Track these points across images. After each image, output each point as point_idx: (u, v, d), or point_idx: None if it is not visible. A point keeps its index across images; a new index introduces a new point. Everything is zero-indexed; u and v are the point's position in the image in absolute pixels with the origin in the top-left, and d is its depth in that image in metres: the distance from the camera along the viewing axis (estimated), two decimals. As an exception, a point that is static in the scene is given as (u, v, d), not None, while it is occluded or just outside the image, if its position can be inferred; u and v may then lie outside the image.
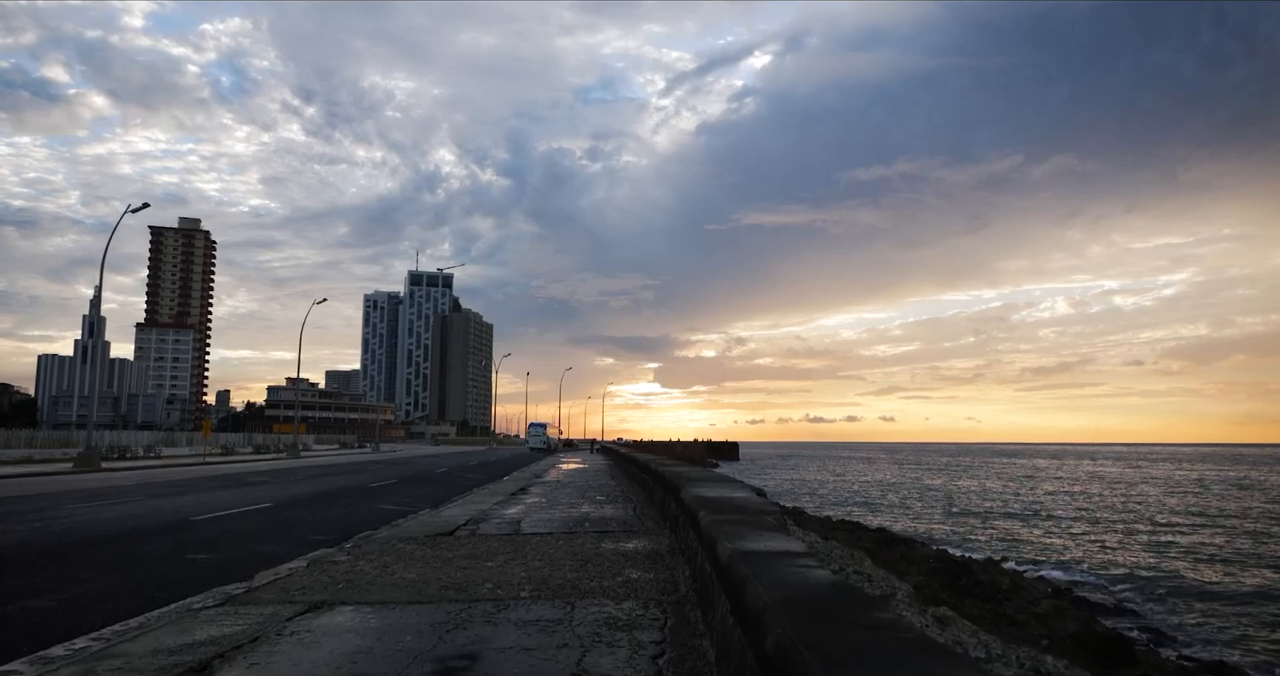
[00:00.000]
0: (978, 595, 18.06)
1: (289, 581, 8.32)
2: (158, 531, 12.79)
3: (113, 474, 29.64)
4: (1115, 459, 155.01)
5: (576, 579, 8.20)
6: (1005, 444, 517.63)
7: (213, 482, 24.86)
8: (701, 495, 8.10)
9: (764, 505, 7.07)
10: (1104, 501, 50.42)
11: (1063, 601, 19.07)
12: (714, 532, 5.14)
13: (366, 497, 20.04)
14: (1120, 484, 69.81)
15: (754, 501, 7.37)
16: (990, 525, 36.82)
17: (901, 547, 24.96)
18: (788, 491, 55.71)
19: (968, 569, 20.83)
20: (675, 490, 10.12)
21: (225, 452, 55.65)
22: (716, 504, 7.15)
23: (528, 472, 32.98)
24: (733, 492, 8.39)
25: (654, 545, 10.65)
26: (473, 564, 9.22)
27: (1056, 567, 25.97)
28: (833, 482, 71.22)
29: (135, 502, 17.66)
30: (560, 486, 23.46)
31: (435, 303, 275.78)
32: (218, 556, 10.73)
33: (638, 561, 9.31)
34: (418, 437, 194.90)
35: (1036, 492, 58.13)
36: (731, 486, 9.56)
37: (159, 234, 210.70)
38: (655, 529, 12.57)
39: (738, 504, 7.15)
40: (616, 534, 11.97)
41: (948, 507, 45.55)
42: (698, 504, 7.14)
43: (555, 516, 14.56)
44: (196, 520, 14.24)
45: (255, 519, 14.72)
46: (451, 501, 18.83)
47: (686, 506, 7.69)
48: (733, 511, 6.49)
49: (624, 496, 19.37)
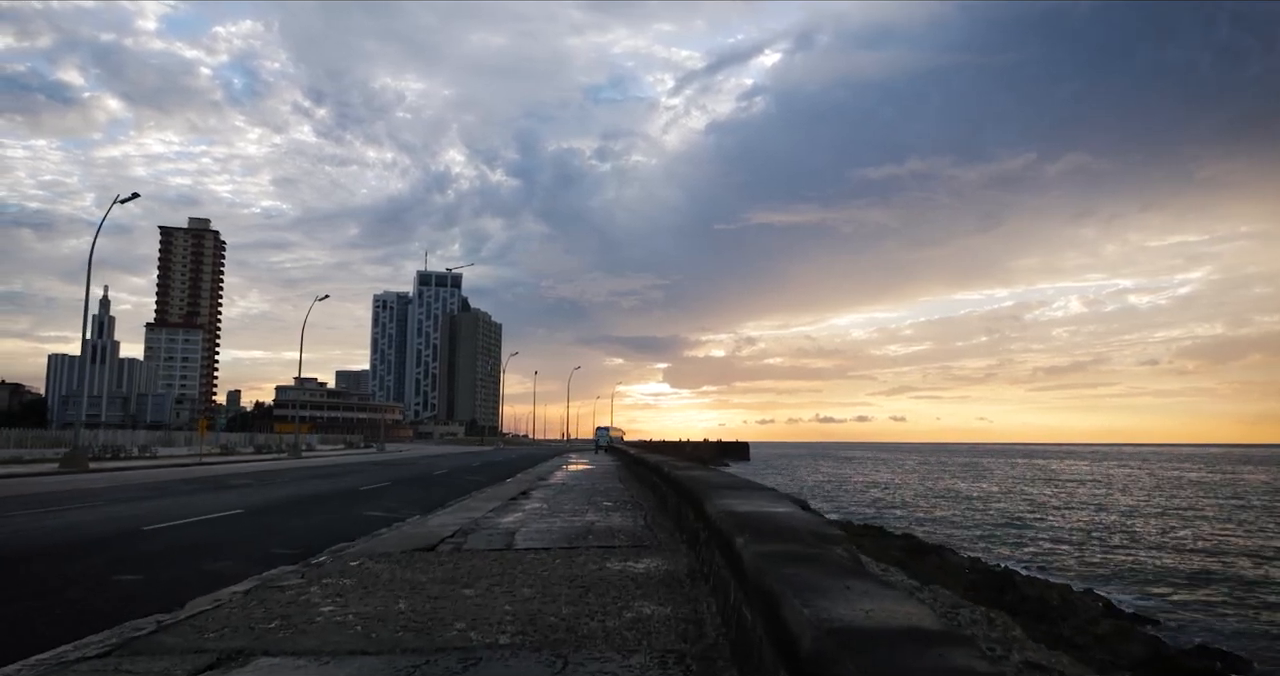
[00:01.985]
0: (1028, 612, 16.24)
1: (212, 616, 6.64)
2: (99, 544, 11.15)
3: (96, 475, 28.12)
4: (1126, 460, 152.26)
5: (573, 616, 6.47)
6: (1018, 444, 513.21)
7: (192, 485, 23.26)
8: (731, 509, 6.36)
9: (820, 526, 5.33)
10: (1126, 504, 48.38)
11: (1121, 620, 17.25)
12: (770, 580, 3.41)
13: (353, 503, 18.39)
14: (1139, 483, 67.65)
15: (805, 520, 5.63)
16: (1018, 528, 34.89)
17: (934, 557, 23.15)
18: (801, 492, 53.84)
19: (1010, 581, 18.99)
20: (697, 501, 8.40)
21: (225, 452, 54.20)
22: (756, 523, 5.42)
23: (531, 474, 31.30)
24: (772, 506, 6.65)
25: (669, 565, 8.92)
26: (448, 591, 7.52)
27: (1096, 578, 24.10)
28: (846, 483, 69.28)
29: (93, 508, 16.06)
30: (564, 490, 21.77)
31: (444, 303, 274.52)
32: (155, 576, 9.07)
33: (650, 589, 7.59)
34: (426, 437, 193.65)
35: (1059, 493, 56.09)
36: (765, 496, 7.82)
37: (169, 234, 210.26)
38: (670, 543, 10.85)
39: (784, 524, 5.42)
40: (624, 550, 10.25)
41: (968, 509, 43.61)
42: (732, 524, 5.41)
43: (555, 527, 12.85)
44: (150, 530, 12.60)
45: (218, 528, 13.07)
46: (445, 507, 17.16)
47: (716, 527, 5.96)
48: (782, 537, 4.76)
49: (633, 502, 17.65)
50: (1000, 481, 74.31)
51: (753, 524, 5.49)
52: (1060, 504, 49.23)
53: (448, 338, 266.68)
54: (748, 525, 5.41)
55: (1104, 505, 48.27)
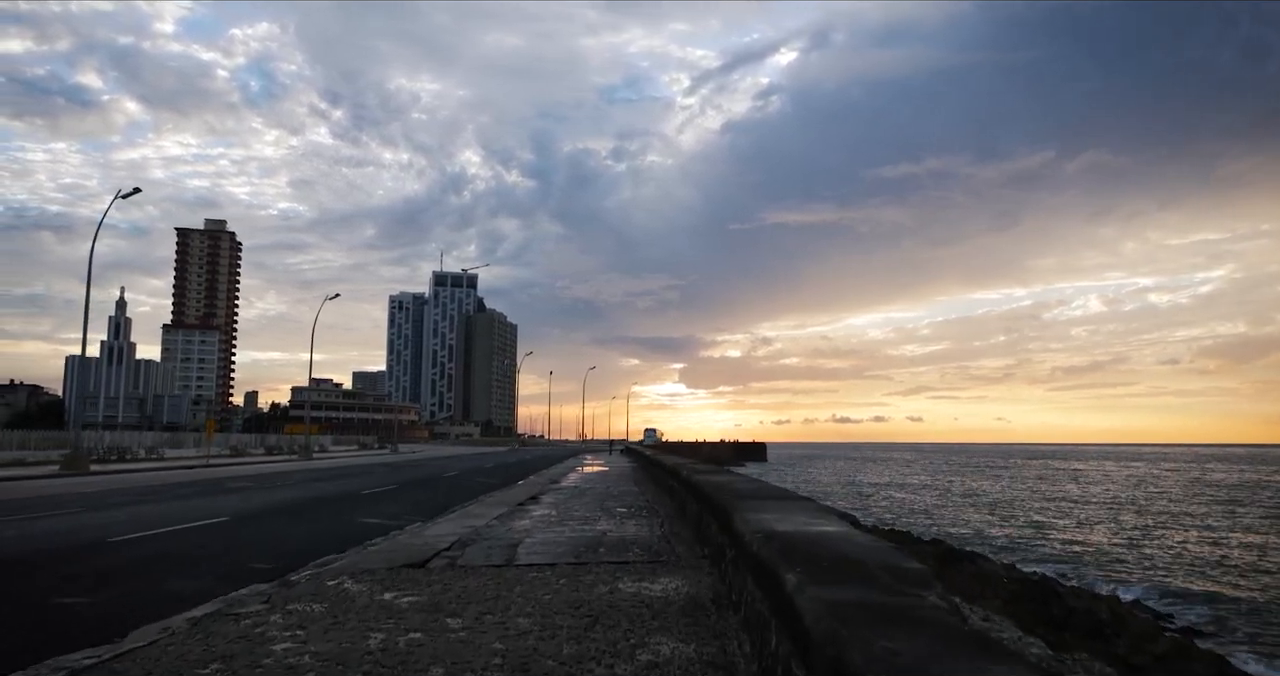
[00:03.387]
0: (1078, 628, 14.95)
1: (140, 657, 5.52)
2: (54, 558, 10.10)
3: (94, 478, 27.23)
4: (1154, 460, 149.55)
5: (576, 658, 5.30)
6: (1037, 444, 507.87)
7: (188, 488, 22.27)
8: (769, 529, 5.16)
9: (891, 555, 4.13)
10: (1156, 505, 46.70)
11: (1177, 635, 15.90)
12: (856, 657, 2.22)
13: (351, 508, 17.31)
14: (1165, 484, 65.75)
15: (868, 546, 4.43)
16: (1046, 531, 33.44)
17: (968, 565, 21.82)
18: (820, 494, 52.45)
19: (1054, 593, 17.64)
20: (722, 515, 7.21)
21: (235, 454, 53.43)
22: (806, 550, 4.23)
23: (544, 477, 30.18)
24: (817, 523, 5.45)
25: (690, 587, 7.73)
26: (430, 622, 6.36)
27: (1137, 585, 22.70)
28: (866, 485, 67.78)
29: (68, 516, 15.04)
30: (577, 494, 20.62)
31: (460, 303, 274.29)
32: (104, 598, 7.98)
33: (669, 620, 6.41)
34: (442, 438, 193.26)
35: (1086, 494, 54.39)
36: (804, 508, 6.61)
37: (185, 235, 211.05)
38: (690, 558, 9.67)
39: (842, 551, 4.22)
40: (639, 566, 9.07)
41: (994, 512, 42.12)
42: (774, 551, 4.22)
43: (563, 537, 11.69)
44: (117, 541, 11.52)
45: (197, 538, 11.99)
46: (448, 513, 16.06)
47: (751, 553, 4.76)
48: (846, 573, 3.58)
49: (649, 508, 16.47)
50: (1024, 482, 72.56)
51: (801, 550, 4.30)
52: (1087, 505, 47.62)
53: (463, 338, 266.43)
54: (795, 552, 4.22)
55: (1135, 506, 46.63)
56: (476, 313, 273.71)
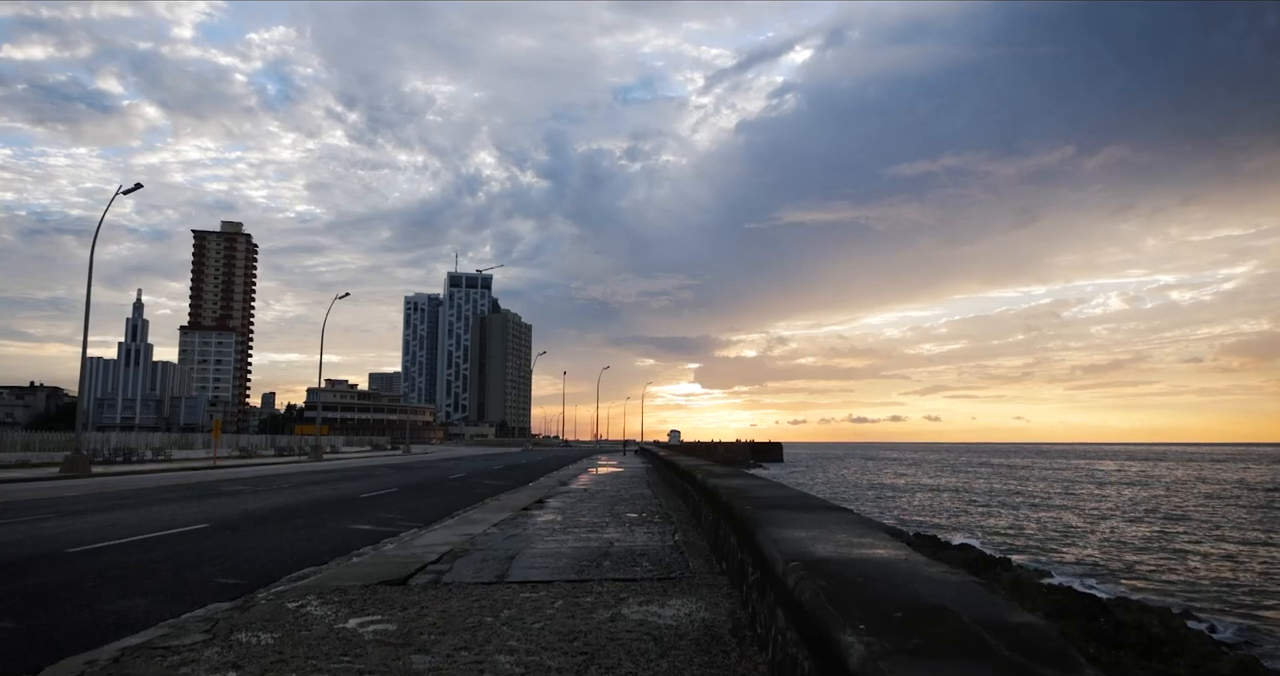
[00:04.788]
0: (1133, 646, 13.66)
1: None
2: (1, 572, 9.09)
3: (92, 480, 26.42)
4: (1183, 460, 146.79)
5: (561, 717, 4.19)
6: (1057, 444, 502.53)
7: (178, 492, 21.30)
8: (808, 553, 4.03)
9: (986, 600, 2.99)
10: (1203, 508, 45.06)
11: (1241, 653, 14.58)
12: None
13: (345, 513, 16.28)
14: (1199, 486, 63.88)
15: (947, 581, 3.28)
16: (1079, 535, 32.03)
17: (1002, 572, 20.55)
18: (843, 498, 51.12)
19: (1102, 607, 16.34)
20: (744, 529, 6.08)
21: (244, 455, 52.75)
22: (863, 589, 3.11)
23: (554, 479, 29.12)
24: (869, 545, 4.30)
25: (707, 612, 6.60)
26: (390, 661, 5.27)
27: (1180, 596, 21.33)
28: (887, 486, 66.32)
29: (34, 522, 14.05)
30: (586, 497, 19.52)
31: (475, 304, 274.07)
32: (35, 623, 6.93)
33: (680, 657, 5.28)
34: (457, 439, 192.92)
35: (1112, 496, 52.75)
36: (846, 523, 5.46)
37: (201, 238, 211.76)
38: (705, 573, 8.54)
39: (917, 595, 3.09)
40: (647, 584, 7.94)
41: (1021, 514, 40.67)
42: (819, 592, 3.08)
43: (566, 548, 10.58)
44: (77, 551, 10.50)
45: (163, 549, 10.97)
46: (447, 519, 15.02)
47: (788, 591, 3.60)
48: (934, 639, 2.45)
49: (661, 513, 15.34)
50: (1050, 483, 70.83)
51: (856, 589, 3.16)
52: (1116, 508, 46.04)
53: (478, 339, 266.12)
54: (848, 593, 3.08)
55: (1164, 510, 45.02)
56: (491, 313, 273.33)
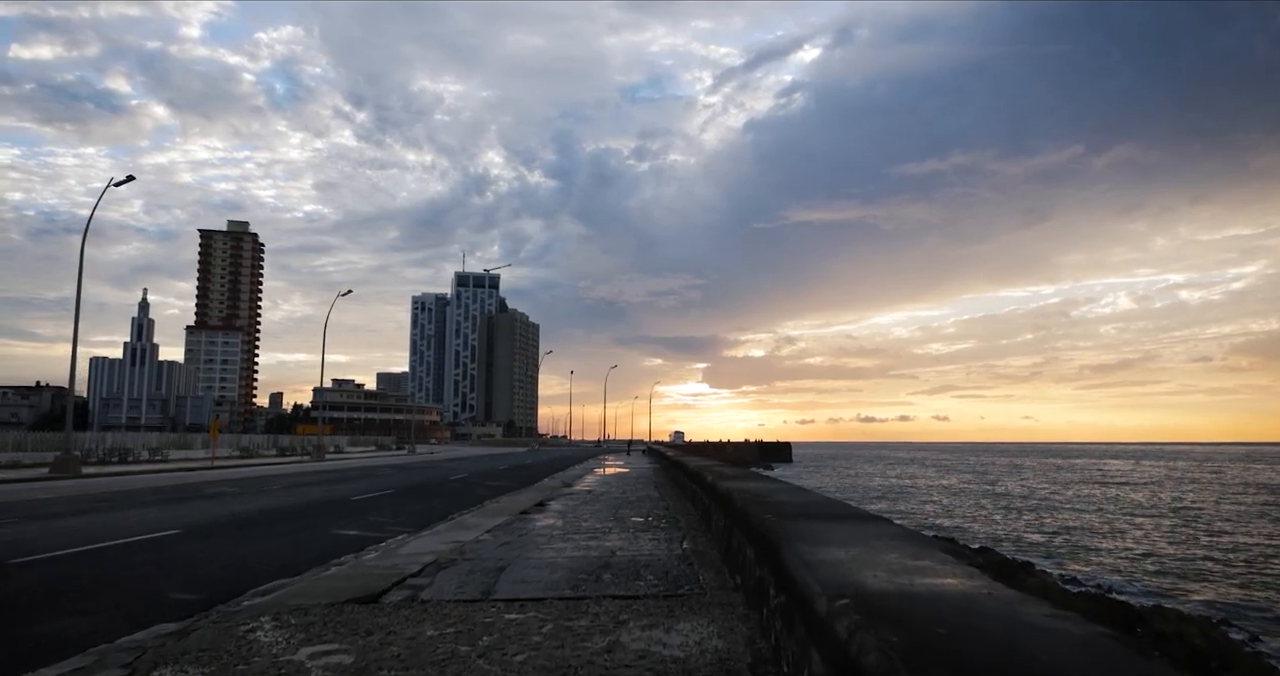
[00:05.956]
0: (1173, 657, 12.67)
1: None
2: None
3: (77, 482, 25.60)
4: (1201, 460, 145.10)
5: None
6: (1066, 444, 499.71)
7: (161, 494, 20.41)
8: (854, 583, 3.07)
9: (1124, 662, 2.03)
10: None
11: None
12: None
13: (333, 518, 15.37)
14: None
15: (1062, 632, 2.32)
16: (1101, 537, 30.96)
17: (1025, 577, 19.53)
18: (858, 498, 50.06)
19: (1137, 616, 15.33)
20: (767, 544, 5.11)
21: (245, 455, 51.96)
22: (943, 645, 2.14)
23: (558, 479, 28.19)
24: (929, 569, 3.34)
25: (720, 640, 5.64)
26: (336, 707, 4.33)
27: (1209, 602, 20.27)
28: (897, 487, 65.22)
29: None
30: (590, 499, 18.58)
31: (482, 304, 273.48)
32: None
33: (690, 704, 4.32)
34: (464, 439, 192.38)
35: (1128, 496, 51.59)
36: (890, 537, 4.49)
37: (208, 237, 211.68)
38: (716, 587, 7.57)
39: (1024, 656, 2.11)
40: (651, 602, 6.98)
41: (1037, 516, 39.58)
42: (881, 648, 2.11)
43: (563, 558, 9.63)
44: (25, 561, 9.61)
45: (122, 558, 10.06)
46: (440, 523, 14.09)
47: (844, 651, 2.63)
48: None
49: (669, 517, 14.38)
50: (1063, 484, 69.61)
51: (939, 649, 2.20)
52: (1135, 509, 44.89)
53: (485, 339, 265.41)
54: (930, 658, 2.12)
55: (1185, 511, 43.84)
56: (498, 313, 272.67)
